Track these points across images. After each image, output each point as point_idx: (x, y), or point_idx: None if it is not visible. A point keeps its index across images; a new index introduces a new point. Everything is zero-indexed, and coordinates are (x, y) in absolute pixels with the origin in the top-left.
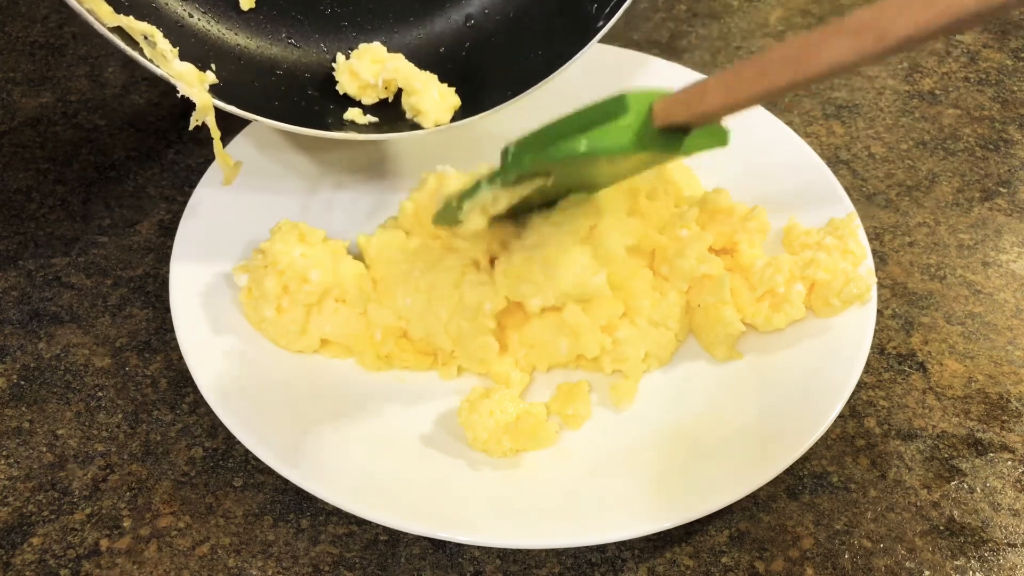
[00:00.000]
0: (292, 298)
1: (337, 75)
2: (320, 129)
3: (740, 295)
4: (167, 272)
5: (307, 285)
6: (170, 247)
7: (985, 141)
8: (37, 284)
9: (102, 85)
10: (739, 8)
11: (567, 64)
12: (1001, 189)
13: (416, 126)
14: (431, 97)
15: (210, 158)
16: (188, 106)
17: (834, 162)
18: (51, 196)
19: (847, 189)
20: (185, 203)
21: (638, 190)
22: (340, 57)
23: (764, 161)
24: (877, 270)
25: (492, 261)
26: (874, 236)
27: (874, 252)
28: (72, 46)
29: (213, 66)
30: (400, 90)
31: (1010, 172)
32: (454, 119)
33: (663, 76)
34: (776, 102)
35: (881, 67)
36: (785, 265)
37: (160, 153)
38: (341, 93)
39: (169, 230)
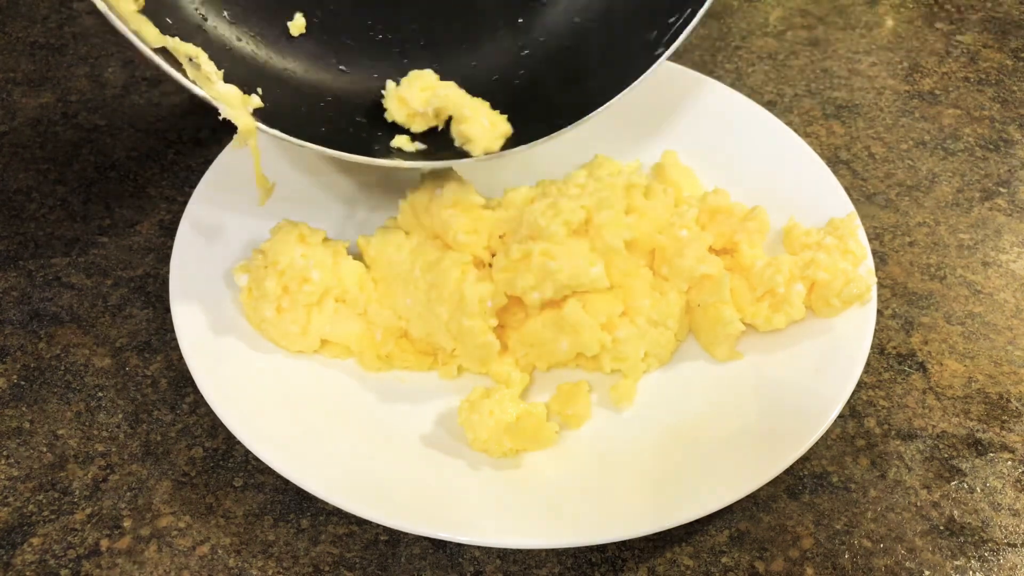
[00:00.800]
0: (292, 298)
1: (386, 102)
2: (366, 156)
3: (740, 295)
4: (167, 272)
5: (307, 285)
6: (170, 247)
7: (985, 141)
8: (37, 284)
9: (102, 85)
10: (739, 8)
11: (623, 92)
12: (1001, 189)
13: (464, 154)
14: (481, 125)
15: (210, 158)
16: (188, 107)
17: (834, 162)
18: (51, 196)
19: (847, 189)
20: (185, 203)
21: (635, 187)
22: (390, 84)
23: (764, 161)
24: (877, 270)
25: (492, 256)
26: (874, 236)
27: (874, 252)
28: (72, 46)
29: (259, 90)
30: (450, 117)
31: (1010, 172)
32: (504, 147)
33: (663, 76)
34: (776, 102)
35: (881, 67)
36: (785, 265)
37: (160, 153)
38: (389, 121)
39: (169, 230)
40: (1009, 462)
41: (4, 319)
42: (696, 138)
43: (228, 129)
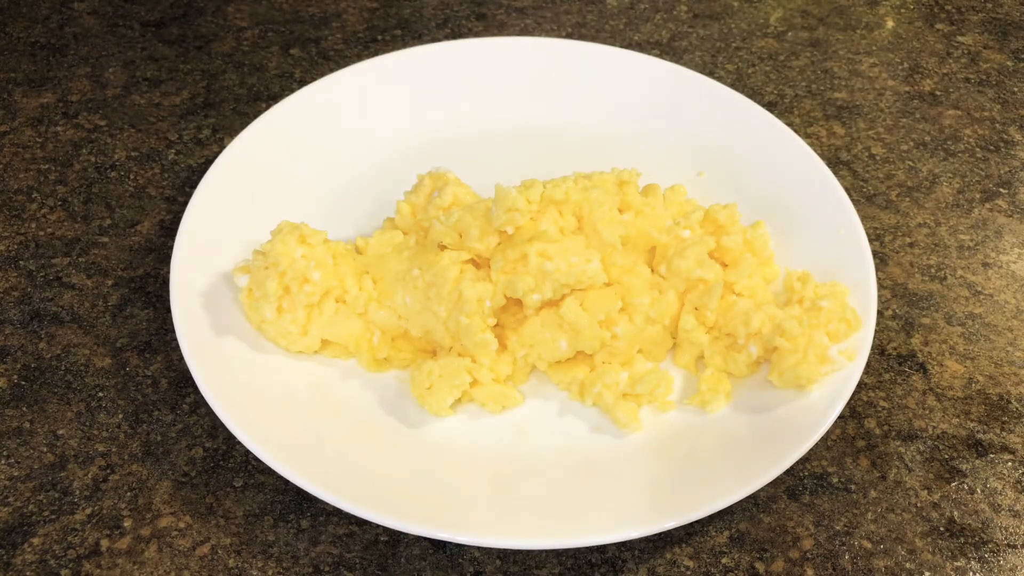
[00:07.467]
0: (293, 299)
1: None
2: None
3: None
4: (167, 272)
5: (308, 286)
6: (170, 247)
7: (985, 142)
8: (38, 284)
9: (102, 85)
10: (739, 8)
11: None
12: (1001, 190)
13: None
14: None
15: (210, 158)
16: (189, 107)
17: (835, 163)
18: (52, 196)
19: (847, 190)
20: (185, 203)
21: (627, 184)
22: None
23: (765, 162)
24: (877, 271)
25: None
26: (874, 237)
27: (874, 253)
28: (73, 46)
29: None
30: None
31: (1010, 173)
32: None
33: (663, 76)
34: (776, 103)
35: (881, 68)
36: (756, 320)
37: (160, 153)
38: None
39: (170, 230)
40: (1009, 463)
41: (4, 319)
42: (696, 139)
43: (228, 129)
